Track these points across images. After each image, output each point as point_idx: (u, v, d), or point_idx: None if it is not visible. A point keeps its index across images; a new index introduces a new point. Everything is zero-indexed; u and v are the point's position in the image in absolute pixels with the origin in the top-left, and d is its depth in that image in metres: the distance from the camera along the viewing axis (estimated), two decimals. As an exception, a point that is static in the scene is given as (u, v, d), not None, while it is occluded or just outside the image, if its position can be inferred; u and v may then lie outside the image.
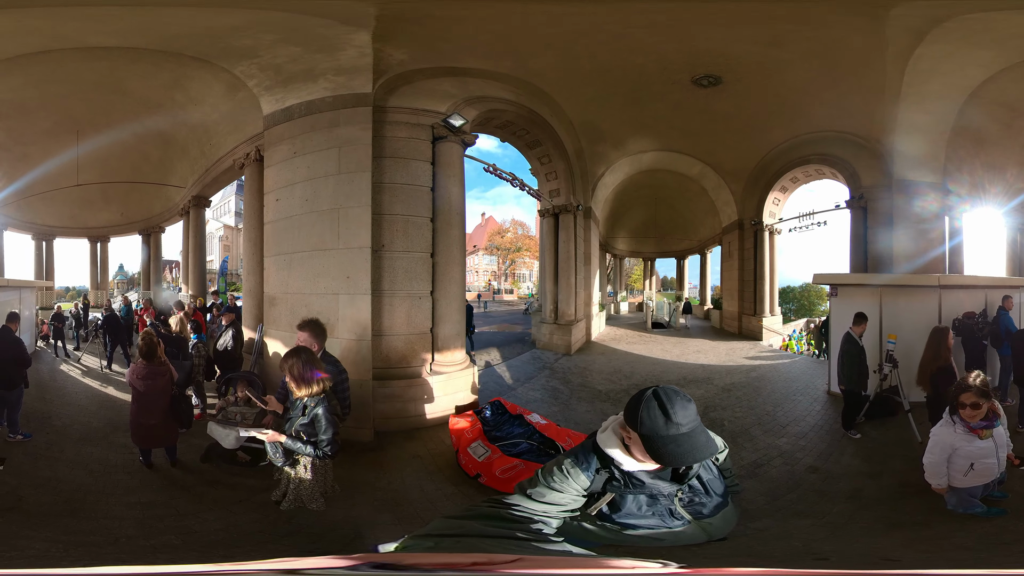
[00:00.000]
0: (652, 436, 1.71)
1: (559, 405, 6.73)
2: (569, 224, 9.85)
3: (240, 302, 10.72)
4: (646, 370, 8.89)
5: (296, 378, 3.35)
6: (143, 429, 4.92)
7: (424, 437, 5.68)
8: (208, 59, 6.03)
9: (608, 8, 5.43)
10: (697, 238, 14.80)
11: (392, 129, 5.98)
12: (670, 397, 1.75)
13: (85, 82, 7.05)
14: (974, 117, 6.90)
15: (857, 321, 6.06)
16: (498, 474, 4.46)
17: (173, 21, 5.31)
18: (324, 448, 3.38)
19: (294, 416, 3.47)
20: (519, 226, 39.67)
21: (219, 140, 8.26)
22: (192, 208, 10.28)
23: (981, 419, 3.45)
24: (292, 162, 6.15)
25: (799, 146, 9.04)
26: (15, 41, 5.64)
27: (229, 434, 4.44)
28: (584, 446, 1.92)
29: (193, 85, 6.92)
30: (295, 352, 3.47)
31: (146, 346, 4.81)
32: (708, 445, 1.75)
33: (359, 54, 5.63)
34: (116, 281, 12.80)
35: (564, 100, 8.03)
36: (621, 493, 1.85)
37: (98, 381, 7.49)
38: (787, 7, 5.33)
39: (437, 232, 6.19)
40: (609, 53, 6.54)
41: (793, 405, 6.66)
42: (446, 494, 4.59)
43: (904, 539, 3.58)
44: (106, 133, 8.51)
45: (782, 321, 11.62)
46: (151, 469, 4.98)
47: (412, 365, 6.02)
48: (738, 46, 6.27)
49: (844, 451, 5.29)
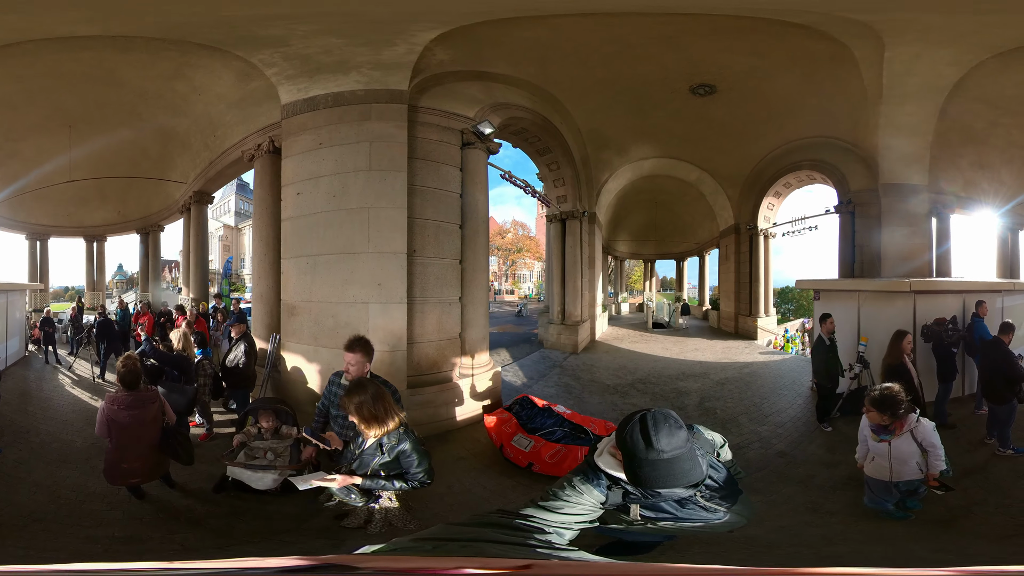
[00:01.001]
0: (631, 458, 1.69)
1: (573, 399, 7.00)
2: (575, 230, 10.16)
3: (243, 305, 9.94)
4: (648, 366, 9.29)
5: (367, 418, 2.95)
6: (124, 470, 3.99)
7: (459, 439, 5.66)
8: (221, 47, 5.60)
9: (623, 20, 5.62)
10: (695, 241, 15.21)
11: (423, 130, 5.78)
12: (656, 422, 1.68)
13: (70, 74, 6.57)
14: (959, 117, 6.97)
15: (823, 320, 6.35)
16: (547, 459, 4.82)
17: (176, 8, 4.87)
18: (420, 480, 3.03)
19: (366, 456, 3.03)
20: (519, 227, 39.99)
21: (225, 131, 7.78)
22: (194, 205, 9.82)
23: (876, 424, 3.76)
24: (317, 153, 5.65)
25: (790, 152, 9.26)
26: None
27: (263, 477, 4.07)
28: (588, 464, 1.93)
29: (197, 74, 6.54)
30: (360, 388, 3.02)
31: (128, 374, 3.93)
32: (689, 473, 1.68)
33: (408, 51, 5.40)
34: (115, 281, 12.45)
35: (574, 108, 8.24)
36: (645, 502, 1.87)
37: (88, 392, 6.79)
38: (762, 23, 5.51)
39: (465, 239, 6.13)
40: (621, 62, 6.72)
41: (778, 398, 7.15)
42: (506, 487, 4.69)
43: (807, 520, 4.01)
44: (101, 127, 8.09)
45: (783, 320, 11.96)
46: (142, 500, 4.12)
47: (443, 370, 5.91)
48: (724, 56, 6.52)
49: (813, 441, 5.74)
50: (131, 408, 3.93)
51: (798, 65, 6.55)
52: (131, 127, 8.34)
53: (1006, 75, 6.32)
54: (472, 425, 5.92)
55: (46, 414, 6.01)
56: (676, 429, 1.70)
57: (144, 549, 3.58)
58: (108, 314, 8.68)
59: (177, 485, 4.36)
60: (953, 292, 6.52)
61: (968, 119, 7.15)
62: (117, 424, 3.90)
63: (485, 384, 6.35)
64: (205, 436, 5.55)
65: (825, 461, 5.11)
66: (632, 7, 5.42)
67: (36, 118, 7.83)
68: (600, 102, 8.16)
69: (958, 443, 5.32)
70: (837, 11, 5.31)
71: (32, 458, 4.83)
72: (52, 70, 6.44)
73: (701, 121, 8.62)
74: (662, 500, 1.88)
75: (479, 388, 6.26)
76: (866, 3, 5.25)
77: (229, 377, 5.73)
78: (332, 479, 2.99)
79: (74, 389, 6.91)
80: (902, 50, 5.89)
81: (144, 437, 4.00)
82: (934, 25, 5.44)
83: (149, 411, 4.02)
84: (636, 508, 1.88)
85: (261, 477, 4.14)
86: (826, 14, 5.38)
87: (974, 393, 6.21)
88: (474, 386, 6.22)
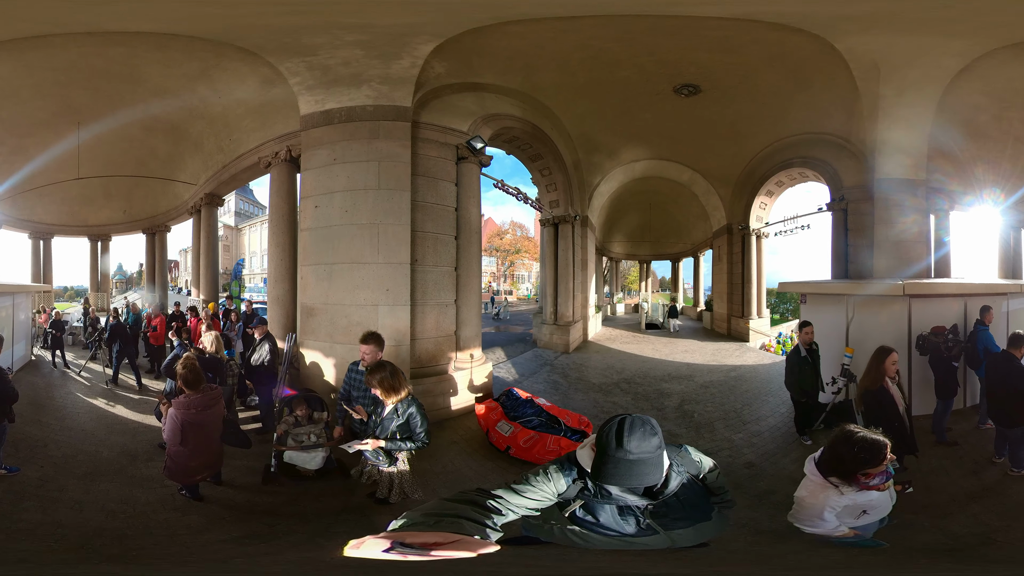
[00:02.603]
0: (601, 453, 1.84)
1: (559, 395, 7.31)
2: (568, 233, 10.33)
3: (255, 305, 9.94)
4: (636, 367, 9.33)
5: (387, 388, 3.71)
6: (193, 468, 4.09)
7: (453, 426, 6.12)
8: (258, 52, 5.74)
9: (589, 23, 5.54)
10: (690, 241, 15.20)
11: (424, 147, 6.30)
12: (633, 426, 1.81)
13: (89, 69, 6.57)
14: (959, 109, 6.64)
15: (801, 328, 5.73)
16: (522, 444, 5.41)
17: (246, 11, 5.02)
18: (422, 439, 3.78)
19: (386, 420, 3.81)
20: (518, 227, 40.01)
21: (242, 136, 7.96)
22: (204, 207, 9.89)
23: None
24: (331, 169, 6.16)
25: (781, 150, 9.13)
26: (2, 27, 5.20)
27: (314, 457, 4.71)
28: (569, 457, 2.07)
29: (223, 77, 6.63)
30: (380, 367, 3.80)
31: (191, 374, 4.02)
32: (647, 476, 1.81)
33: (411, 64, 5.69)
34: (114, 281, 12.48)
35: (563, 113, 8.33)
36: (590, 502, 1.99)
37: (104, 400, 6.49)
38: (727, 22, 5.38)
39: (459, 248, 6.72)
40: (599, 67, 6.76)
41: (761, 404, 6.86)
42: (488, 469, 5.17)
43: (749, 541, 3.48)
44: (110, 125, 8.00)
45: (781, 322, 11.87)
46: (202, 502, 4.14)
47: (440, 363, 6.54)
48: (697, 55, 6.43)
49: (787, 454, 5.26)
50: (206, 408, 4.05)
51: (779, 60, 6.39)
52: (142, 125, 8.29)
53: (1013, 67, 5.94)
54: (466, 415, 6.44)
55: (62, 424, 5.66)
56: (650, 436, 1.81)
57: (273, 538, 3.73)
58: (120, 316, 8.38)
59: (224, 482, 4.50)
60: (952, 295, 5.85)
61: (970, 112, 6.83)
62: (193, 426, 3.97)
63: (477, 378, 6.90)
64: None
65: (794, 477, 3.98)
66: (591, 10, 5.36)
67: (44, 114, 7.76)
68: (587, 107, 8.18)
69: (962, 463, 4.73)
70: (801, 5, 5.11)
71: (59, 474, 4.45)
72: (72, 64, 6.40)
73: (689, 121, 8.54)
74: (606, 502, 2.00)
75: (472, 381, 6.81)
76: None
77: (254, 375, 6.19)
78: (366, 443, 3.79)
79: (88, 397, 6.59)
80: (892, 40, 5.65)
81: (214, 433, 4.20)
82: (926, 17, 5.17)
83: (220, 408, 4.24)
84: (576, 504, 2.02)
85: (312, 457, 4.74)
86: (800, 11, 5.19)
87: (976, 405, 5.55)
88: (468, 379, 6.75)
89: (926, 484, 3.80)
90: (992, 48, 5.65)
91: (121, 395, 6.71)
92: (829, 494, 2.69)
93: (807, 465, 2.85)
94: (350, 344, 5.60)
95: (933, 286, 6.16)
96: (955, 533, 3.51)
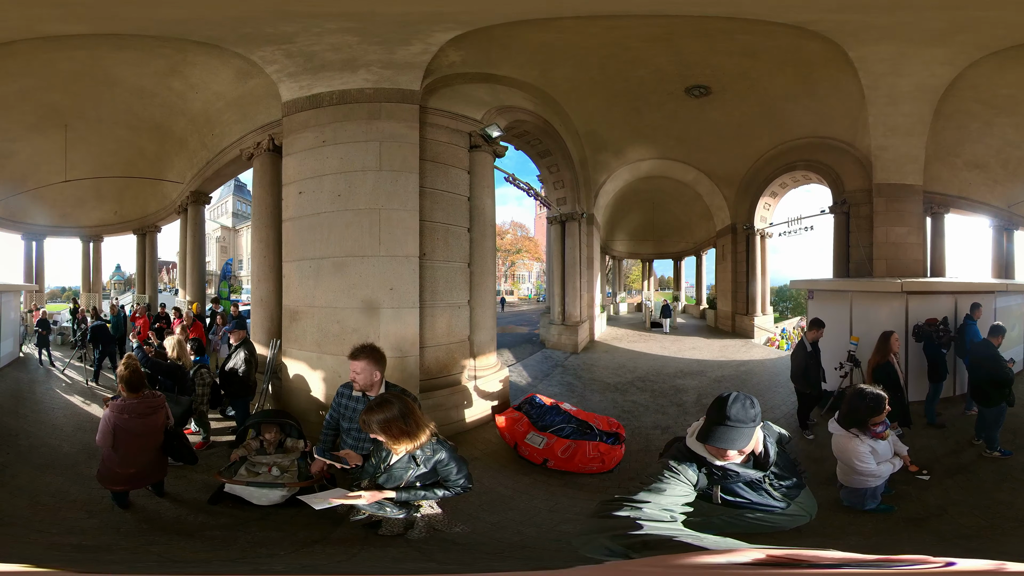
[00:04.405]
0: (708, 420, 2.14)
1: (576, 397, 7.13)
2: (575, 231, 10.27)
3: (242, 308, 9.83)
4: (647, 365, 9.39)
5: (396, 436, 2.72)
6: (122, 476, 3.80)
7: (470, 440, 5.55)
8: (220, 44, 5.42)
9: (618, 22, 5.62)
10: (693, 240, 15.34)
11: (433, 132, 5.69)
12: (736, 399, 2.12)
13: (65, 73, 6.46)
14: (954, 116, 7.02)
15: (811, 327, 6.11)
16: (560, 455, 5.04)
17: (178, 4, 4.70)
18: (462, 485, 2.91)
19: (397, 467, 2.84)
20: (518, 227, 40.11)
21: (223, 130, 7.56)
22: (190, 205, 9.61)
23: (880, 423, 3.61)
24: (320, 151, 5.43)
25: (785, 152, 9.32)
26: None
27: (268, 494, 3.79)
28: (677, 449, 2.24)
29: (195, 72, 6.40)
30: (386, 404, 2.75)
31: (132, 376, 3.73)
32: (739, 439, 2.07)
33: (423, 50, 5.31)
34: (113, 282, 12.43)
35: (573, 110, 8.32)
36: (724, 483, 2.17)
37: (81, 398, 6.63)
38: (752, 23, 5.50)
39: (472, 242, 6.09)
40: (617, 65, 6.80)
41: (769, 397, 7.08)
42: (525, 484, 4.76)
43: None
44: (96, 126, 8.02)
45: (781, 319, 12.03)
46: (126, 510, 3.86)
47: (452, 373, 5.85)
48: (717, 57, 6.58)
49: (793, 447, 5.47)
50: (142, 416, 3.76)
51: (791, 66, 6.61)
52: (127, 126, 8.27)
53: (1000, 75, 6.38)
54: (482, 426, 5.90)
55: (36, 417, 5.88)
56: (749, 408, 2.12)
57: (111, 560, 3.32)
58: (103, 317, 8.52)
59: (167, 494, 4.12)
60: (945, 293, 6.49)
61: (963, 119, 7.23)
62: (125, 432, 3.72)
63: (493, 385, 6.35)
64: (201, 444, 5.27)
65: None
66: (626, 9, 5.42)
67: (31, 118, 7.76)
68: (598, 104, 8.26)
69: (946, 443, 5.34)
70: (819, 13, 5.31)
71: (17, 462, 4.71)
72: (46, 69, 6.35)
73: (697, 122, 8.70)
74: (737, 482, 2.19)
75: (488, 389, 6.25)
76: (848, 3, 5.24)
77: (228, 385, 5.45)
78: (358, 496, 2.76)
79: (67, 394, 6.75)
80: (888, 48, 5.94)
81: (150, 443, 3.87)
82: (919, 24, 5.45)
83: (159, 417, 3.90)
84: (717, 490, 2.19)
85: (265, 494, 3.82)
86: (817, 18, 5.44)
87: (965, 393, 6.16)
88: (483, 388, 6.23)
89: (915, 461, 4.11)
90: (975, 58, 6.07)
91: (99, 394, 6.72)
92: (855, 442, 3.58)
93: (830, 425, 3.72)
94: (342, 356, 4.18)
95: (928, 284, 6.82)
96: (931, 504, 4.11)
